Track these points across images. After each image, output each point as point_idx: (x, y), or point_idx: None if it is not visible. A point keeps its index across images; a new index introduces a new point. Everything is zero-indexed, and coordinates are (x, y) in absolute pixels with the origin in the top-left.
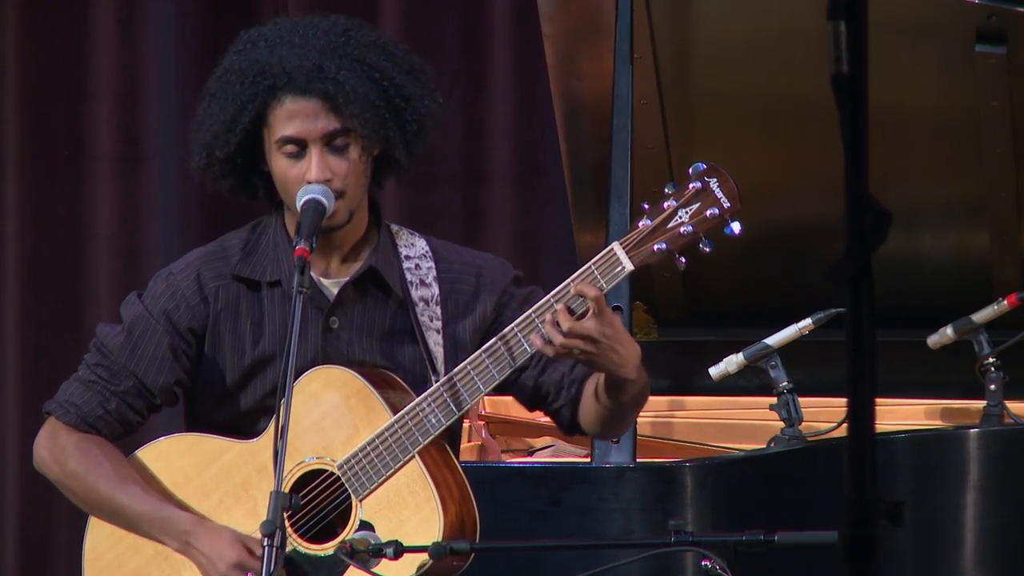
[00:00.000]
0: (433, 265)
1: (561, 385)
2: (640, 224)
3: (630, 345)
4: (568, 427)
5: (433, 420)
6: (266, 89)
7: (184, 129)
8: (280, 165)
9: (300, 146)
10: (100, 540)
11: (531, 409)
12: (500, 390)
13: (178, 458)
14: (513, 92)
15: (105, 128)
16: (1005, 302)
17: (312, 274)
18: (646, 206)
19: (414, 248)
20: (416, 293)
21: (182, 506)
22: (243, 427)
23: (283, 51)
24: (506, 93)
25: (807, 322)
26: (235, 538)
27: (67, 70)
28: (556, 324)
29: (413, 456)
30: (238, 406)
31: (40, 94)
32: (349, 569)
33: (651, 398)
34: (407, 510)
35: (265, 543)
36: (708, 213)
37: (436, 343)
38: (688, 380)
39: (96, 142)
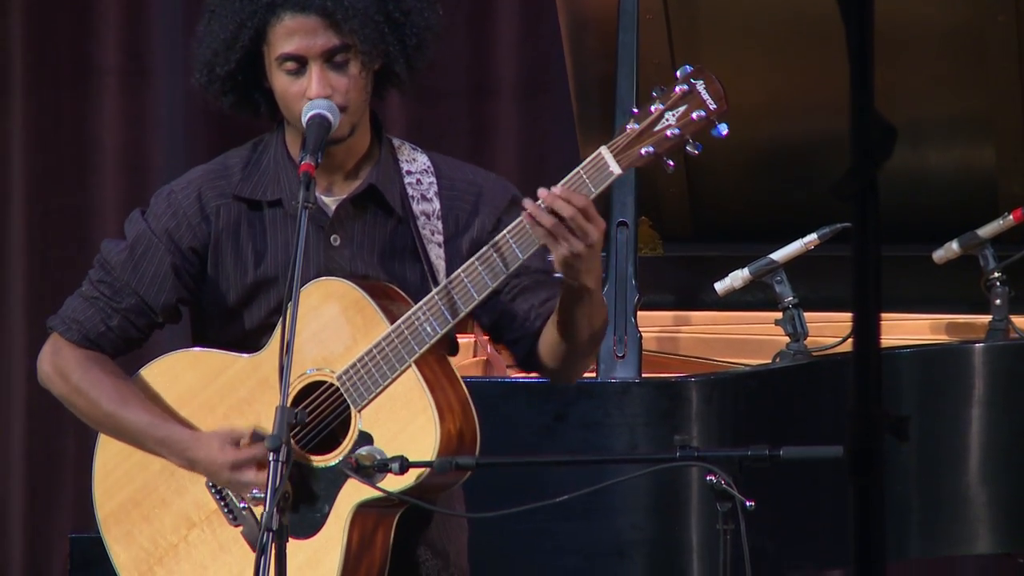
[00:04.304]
0: (435, 180)
1: (527, 316)
2: (628, 128)
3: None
4: (524, 360)
5: (428, 329)
6: (265, 6)
7: (188, 45)
8: (281, 82)
9: (300, 63)
10: (109, 457)
11: (494, 339)
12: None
13: (183, 373)
14: (519, 7)
15: (111, 44)
16: (1011, 217)
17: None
18: (635, 111)
19: (415, 163)
20: (417, 208)
21: (186, 422)
22: (248, 345)
23: None
24: (512, 8)
25: (812, 237)
26: (222, 441)
27: None
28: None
29: (409, 365)
30: (242, 325)
31: (45, 9)
32: (349, 479)
33: (656, 313)
34: (403, 419)
35: (271, 458)
36: (694, 115)
37: (438, 257)
38: (693, 295)
39: (101, 58)
